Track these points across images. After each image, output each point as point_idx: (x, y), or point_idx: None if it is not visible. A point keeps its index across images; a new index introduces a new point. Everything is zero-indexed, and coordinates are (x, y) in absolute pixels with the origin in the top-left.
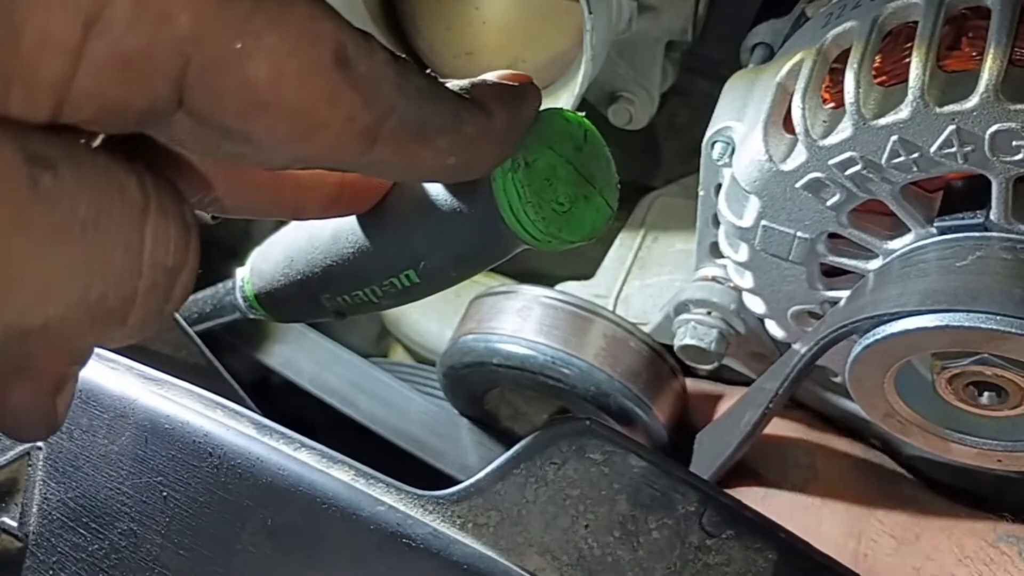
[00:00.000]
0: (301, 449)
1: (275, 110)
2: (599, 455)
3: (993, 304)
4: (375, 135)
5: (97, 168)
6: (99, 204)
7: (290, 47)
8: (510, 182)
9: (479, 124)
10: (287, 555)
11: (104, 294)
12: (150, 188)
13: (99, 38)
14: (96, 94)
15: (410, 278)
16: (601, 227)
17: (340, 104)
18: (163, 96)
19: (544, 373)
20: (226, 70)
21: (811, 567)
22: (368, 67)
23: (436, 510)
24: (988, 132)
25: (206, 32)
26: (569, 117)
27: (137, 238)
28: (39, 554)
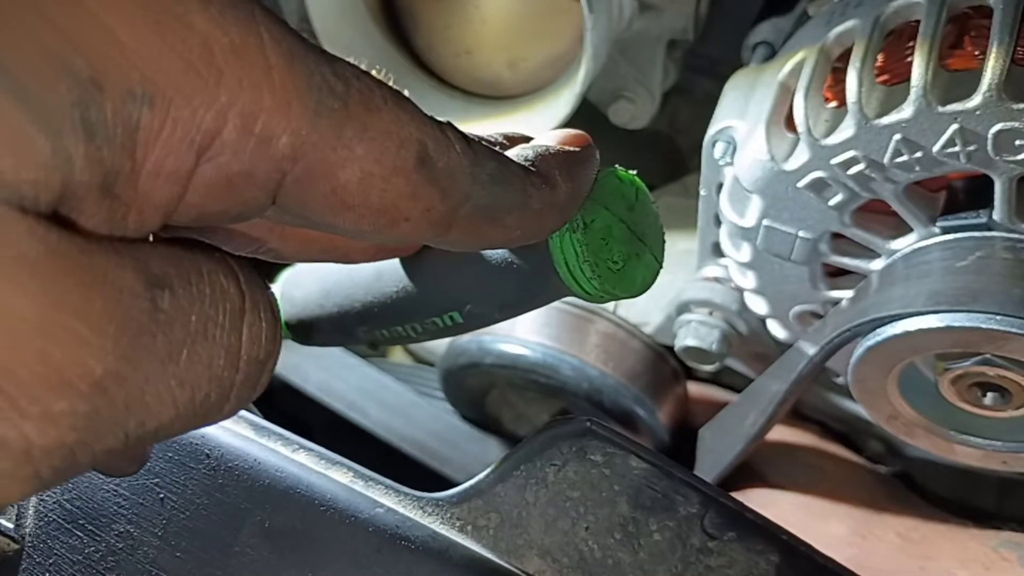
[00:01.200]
0: (299, 451)
1: (361, 209)
2: (600, 456)
3: (994, 304)
4: (451, 222)
5: (203, 278)
6: (206, 314)
7: (377, 153)
8: (568, 242)
9: (544, 197)
10: (285, 557)
11: (207, 395)
12: (244, 285)
13: (208, 163)
14: (201, 208)
15: (453, 319)
16: (651, 282)
17: (420, 199)
18: (259, 204)
19: (536, 371)
20: (319, 179)
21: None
22: (446, 162)
23: (435, 512)
24: (991, 131)
25: (304, 149)
26: (622, 177)
27: (236, 339)
28: (36, 556)
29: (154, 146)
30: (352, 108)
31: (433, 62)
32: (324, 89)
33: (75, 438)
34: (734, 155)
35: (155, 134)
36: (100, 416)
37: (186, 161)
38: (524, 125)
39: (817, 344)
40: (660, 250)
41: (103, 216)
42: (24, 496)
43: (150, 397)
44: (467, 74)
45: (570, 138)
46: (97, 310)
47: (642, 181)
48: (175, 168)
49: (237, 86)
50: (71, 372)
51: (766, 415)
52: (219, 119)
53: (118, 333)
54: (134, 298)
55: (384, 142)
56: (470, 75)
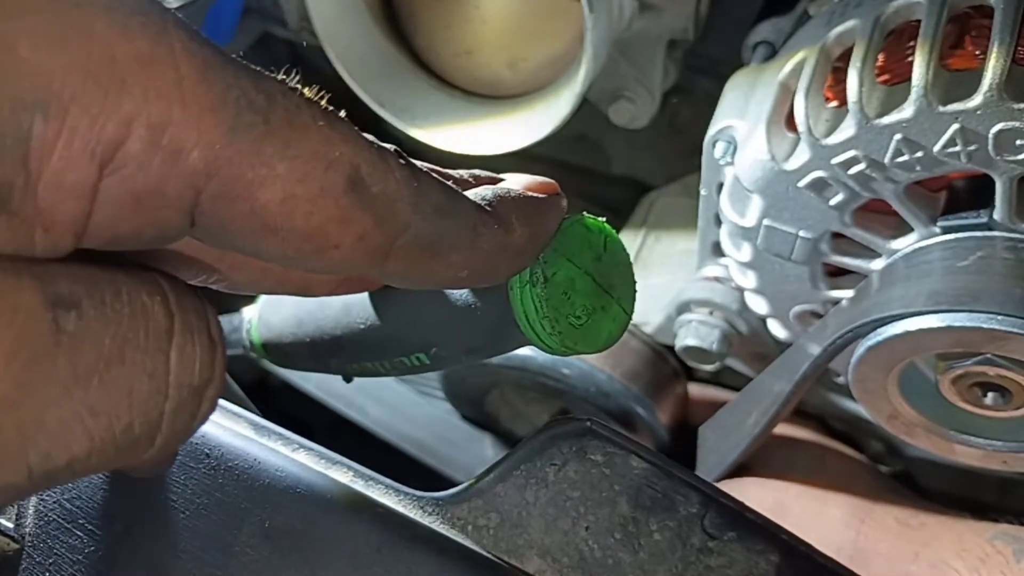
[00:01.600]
0: (299, 450)
1: (284, 233)
2: (600, 456)
3: (994, 304)
4: (387, 252)
5: (120, 298)
6: (123, 336)
7: (301, 174)
8: (528, 295)
9: (496, 239)
10: (285, 557)
11: (129, 424)
12: (174, 306)
13: (113, 177)
14: (112, 227)
15: (420, 360)
16: (617, 335)
17: (351, 225)
18: (175, 225)
19: (543, 373)
20: (236, 198)
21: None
22: (382, 187)
23: (435, 512)
24: (992, 131)
25: (218, 165)
26: (590, 225)
27: (163, 362)
28: (36, 555)
29: (50, 157)
30: (274, 124)
31: (433, 62)
32: (243, 103)
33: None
34: (734, 155)
35: (50, 144)
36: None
37: (87, 173)
38: (525, 125)
39: (818, 343)
40: (630, 301)
41: (4, 235)
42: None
43: (53, 426)
44: (467, 74)
45: (536, 184)
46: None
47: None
48: (76, 181)
49: (142, 96)
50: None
51: (768, 415)
52: (122, 129)
53: (12, 356)
54: (31, 319)
55: (309, 161)
56: (470, 75)
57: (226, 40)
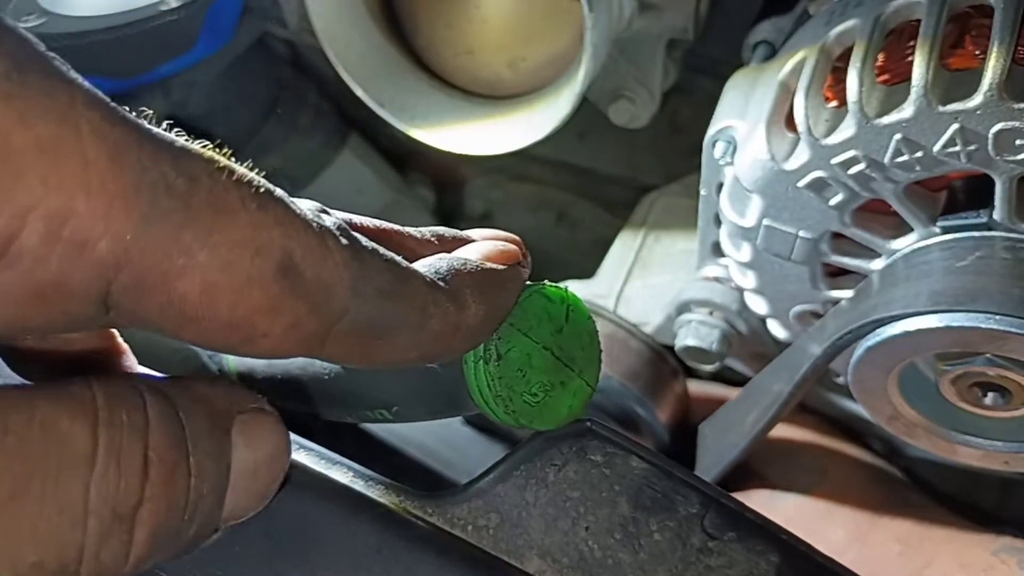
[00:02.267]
0: (299, 451)
1: (207, 323)
2: (600, 456)
3: (993, 304)
4: (323, 337)
5: (31, 426)
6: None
7: (224, 262)
8: (481, 372)
9: (448, 320)
10: (285, 557)
11: (38, 562)
12: (103, 425)
13: (10, 271)
14: (15, 321)
15: (384, 415)
16: (579, 410)
17: (281, 314)
18: (87, 315)
19: None
20: (151, 290)
21: (813, 569)
22: (317, 272)
23: (436, 512)
24: (992, 131)
25: (129, 255)
26: (551, 295)
27: (79, 492)
28: None
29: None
30: (196, 210)
31: (433, 62)
32: (160, 187)
33: None
34: (734, 155)
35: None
36: None
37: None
38: (525, 125)
39: (818, 343)
40: (593, 374)
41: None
42: None
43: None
44: (467, 74)
45: (497, 253)
46: None
47: (575, 295)
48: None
49: (40, 186)
50: None
51: (768, 415)
52: (15, 222)
53: None
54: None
55: (235, 249)
56: (470, 75)
57: (226, 40)
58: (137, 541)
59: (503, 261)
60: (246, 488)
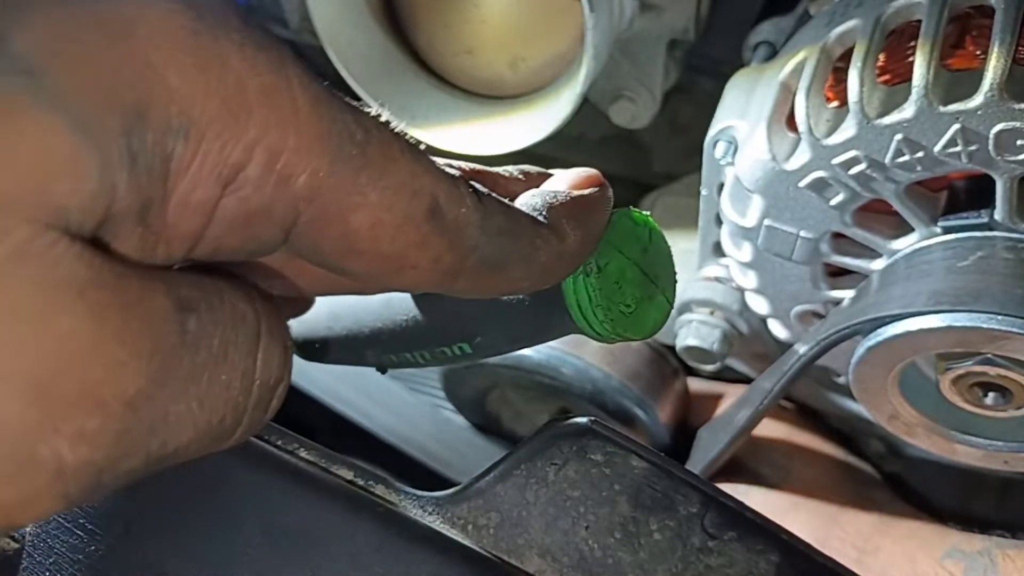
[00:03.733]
0: (299, 450)
1: (368, 255)
2: (600, 456)
3: (994, 304)
4: (458, 272)
5: (224, 303)
6: (227, 337)
7: (390, 202)
8: (581, 285)
9: (552, 249)
10: (285, 557)
11: (223, 417)
12: (261, 312)
13: (231, 196)
14: (220, 241)
15: (463, 349)
16: (662, 323)
17: (428, 249)
18: (274, 241)
19: (540, 372)
20: (331, 222)
21: (813, 569)
22: (456, 214)
23: (436, 511)
24: (992, 131)
25: (320, 190)
26: (636, 218)
27: (252, 363)
28: (36, 555)
29: (184, 176)
30: (370, 156)
31: (434, 61)
32: (345, 135)
33: (103, 457)
34: (735, 155)
35: (186, 165)
36: (128, 435)
37: (212, 193)
38: (525, 125)
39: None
40: (672, 291)
41: (135, 243)
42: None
43: (173, 417)
44: (468, 74)
45: (582, 180)
46: (134, 332)
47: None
48: (201, 199)
49: (265, 124)
50: (106, 391)
51: (753, 409)
52: (245, 154)
53: (151, 354)
54: (165, 321)
55: (398, 191)
56: (471, 75)
57: None
58: (272, 408)
59: (589, 186)
60: None
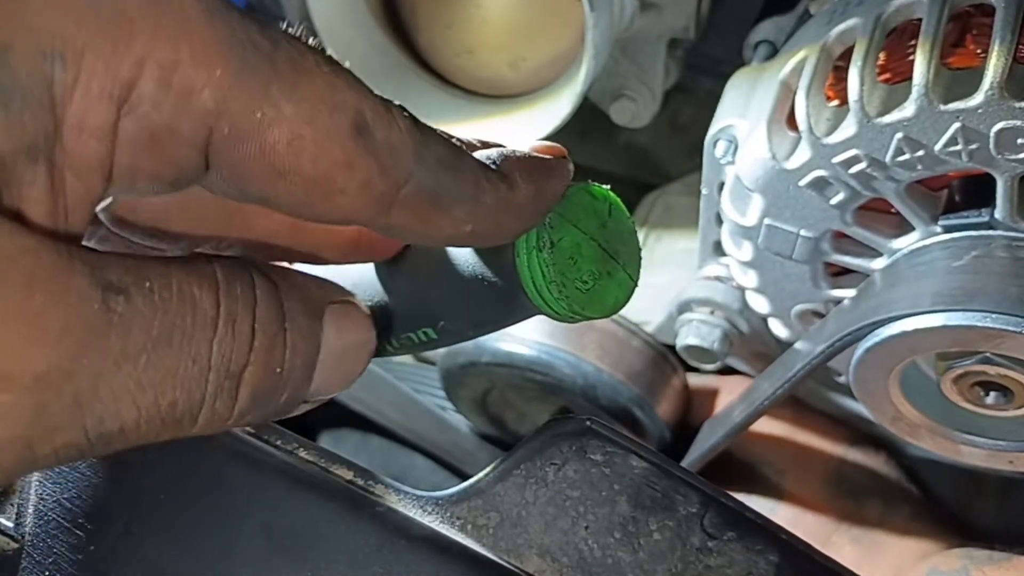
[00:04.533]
0: (299, 450)
1: (293, 176)
2: (600, 456)
3: (990, 303)
4: (391, 200)
5: (170, 288)
6: (172, 321)
7: (307, 116)
8: (535, 260)
9: (500, 195)
10: (285, 556)
11: (173, 402)
12: (222, 295)
13: (129, 117)
14: (133, 167)
15: (428, 335)
16: (624, 301)
17: (356, 170)
18: (191, 165)
19: (533, 369)
20: (246, 138)
21: (813, 569)
22: (386, 135)
23: (435, 511)
24: (993, 130)
25: (227, 104)
26: (595, 192)
27: (206, 348)
28: (35, 555)
29: (72, 101)
30: (280, 66)
31: (435, 61)
32: (247, 45)
33: (26, 431)
34: (735, 154)
35: (71, 89)
36: (48, 410)
37: (107, 114)
38: (526, 124)
39: (818, 343)
40: (635, 268)
41: (43, 186)
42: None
43: (105, 395)
44: (468, 73)
45: (543, 147)
46: (38, 306)
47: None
48: (97, 122)
49: (152, 37)
50: (12, 367)
51: (751, 407)
52: (134, 70)
53: (62, 331)
54: (83, 299)
55: (315, 104)
56: (471, 74)
57: None
58: (241, 397)
59: (549, 154)
60: (333, 368)
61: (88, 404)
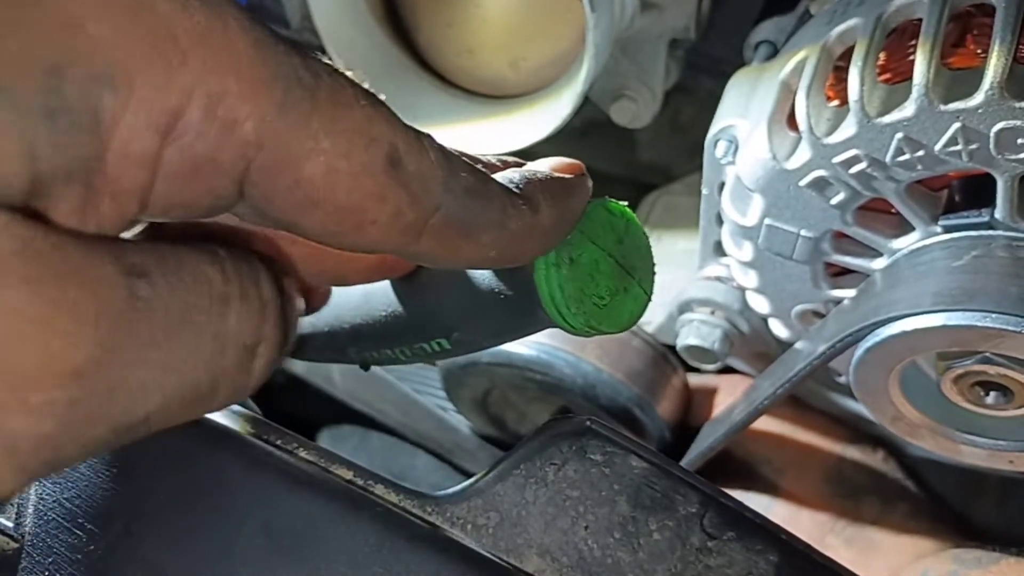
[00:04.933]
0: (299, 450)
1: (326, 207)
2: (599, 456)
3: (990, 303)
4: (420, 230)
5: (184, 266)
6: (188, 301)
7: (344, 149)
8: (553, 277)
9: (525, 221)
10: (285, 556)
11: (197, 381)
12: (231, 272)
13: (173, 146)
14: (170, 195)
15: (441, 345)
16: (638, 316)
17: (388, 202)
18: (227, 194)
19: (532, 369)
20: (283, 170)
21: (812, 569)
22: (417, 167)
23: (435, 511)
24: (993, 130)
25: (268, 136)
26: (613, 209)
27: (223, 324)
28: (35, 555)
29: (118, 127)
30: (320, 101)
31: (435, 61)
32: (292, 79)
33: (58, 428)
34: (736, 154)
35: (118, 116)
36: (82, 405)
37: (151, 143)
38: (526, 124)
39: (819, 344)
40: (649, 283)
41: (76, 204)
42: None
43: (134, 383)
44: (469, 73)
45: (563, 166)
46: (73, 300)
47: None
48: (141, 150)
49: (201, 68)
50: (50, 363)
51: (751, 407)
52: (182, 100)
53: (96, 321)
54: (111, 287)
55: (352, 138)
56: (472, 74)
57: None
58: (256, 369)
59: (569, 172)
60: None
61: (118, 395)
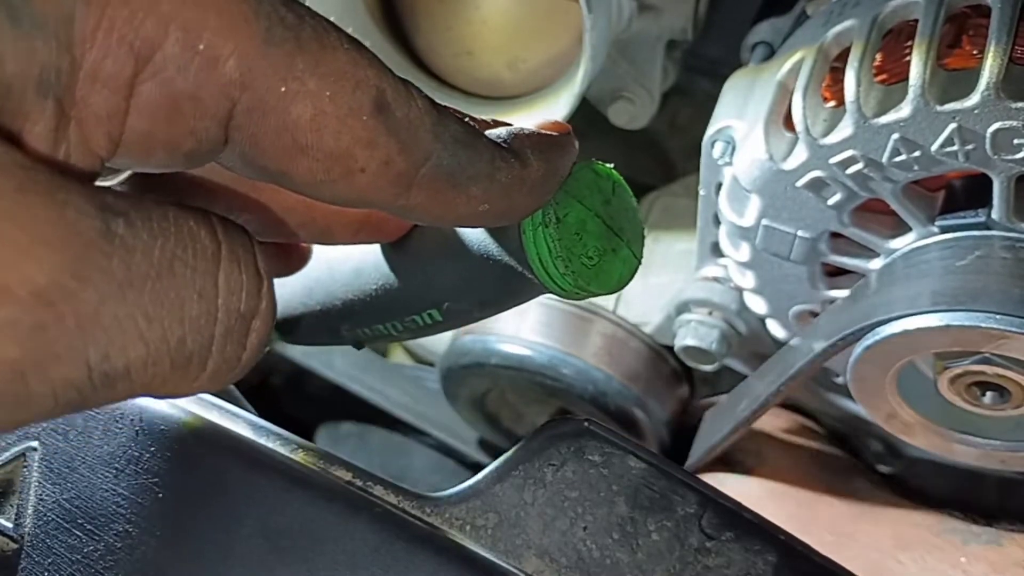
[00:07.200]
0: (299, 450)
1: (314, 153)
2: (598, 456)
3: (992, 304)
4: (411, 180)
5: (167, 217)
6: (172, 250)
7: (331, 92)
8: (540, 236)
9: (514, 173)
10: (283, 557)
11: (183, 339)
12: (221, 235)
13: (151, 78)
14: (148, 133)
15: (432, 317)
16: (628, 278)
17: (377, 149)
18: (211, 137)
19: (542, 373)
20: (269, 112)
21: (811, 569)
22: (406, 113)
23: (434, 512)
24: (989, 130)
25: (252, 76)
26: (599, 170)
27: (211, 283)
28: (35, 555)
29: (91, 44)
30: (305, 42)
31: (433, 63)
32: (274, 18)
33: (22, 354)
34: (733, 155)
35: (91, 31)
36: (49, 333)
37: (124, 66)
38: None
39: (814, 342)
40: (639, 245)
41: (48, 123)
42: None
43: (110, 322)
44: (467, 75)
45: (549, 124)
46: (35, 217)
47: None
48: (114, 72)
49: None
50: (7, 277)
51: (754, 406)
52: (159, 29)
53: (62, 246)
54: (82, 216)
55: (338, 80)
56: (470, 76)
57: None
58: (250, 344)
59: (555, 131)
60: None
61: (91, 331)
